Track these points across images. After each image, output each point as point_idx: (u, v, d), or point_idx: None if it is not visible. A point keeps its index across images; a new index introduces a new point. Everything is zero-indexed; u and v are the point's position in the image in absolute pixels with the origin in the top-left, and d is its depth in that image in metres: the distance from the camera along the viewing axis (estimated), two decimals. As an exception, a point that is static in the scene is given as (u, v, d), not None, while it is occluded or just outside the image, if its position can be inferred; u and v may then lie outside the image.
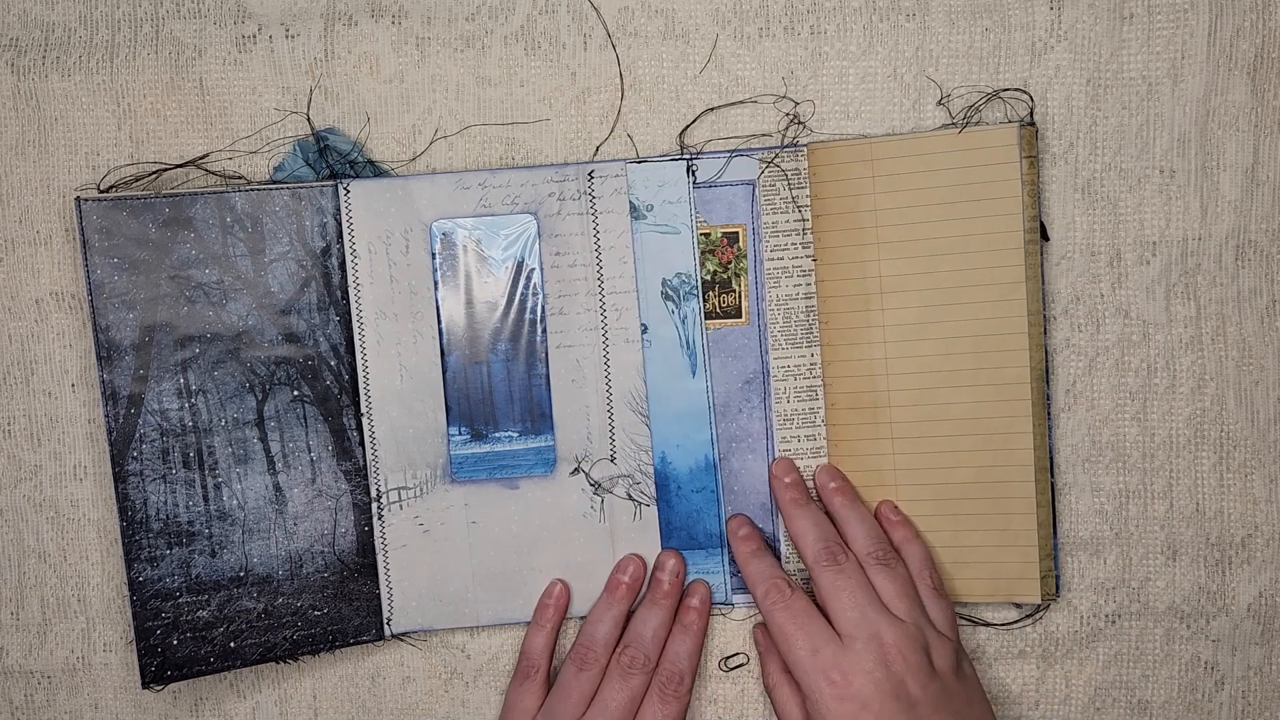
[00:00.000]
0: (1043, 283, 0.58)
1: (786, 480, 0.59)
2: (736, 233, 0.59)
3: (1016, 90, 0.58)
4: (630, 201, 0.58)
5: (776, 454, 0.60)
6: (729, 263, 0.59)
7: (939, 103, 0.58)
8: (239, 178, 0.58)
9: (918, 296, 0.58)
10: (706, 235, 0.59)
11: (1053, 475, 0.59)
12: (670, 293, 0.59)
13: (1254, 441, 0.59)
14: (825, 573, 0.55)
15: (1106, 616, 0.60)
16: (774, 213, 0.58)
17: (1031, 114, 0.57)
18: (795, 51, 0.58)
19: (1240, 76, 0.57)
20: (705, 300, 0.59)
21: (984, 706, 0.55)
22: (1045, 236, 0.58)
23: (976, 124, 0.57)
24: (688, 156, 0.58)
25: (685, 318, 0.59)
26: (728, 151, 0.58)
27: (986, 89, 0.58)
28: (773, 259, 0.59)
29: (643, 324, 0.59)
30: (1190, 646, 0.60)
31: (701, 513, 0.59)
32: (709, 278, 0.59)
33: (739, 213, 0.59)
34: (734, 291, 0.59)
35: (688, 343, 0.59)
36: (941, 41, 0.58)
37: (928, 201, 0.57)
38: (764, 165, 0.58)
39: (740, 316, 0.59)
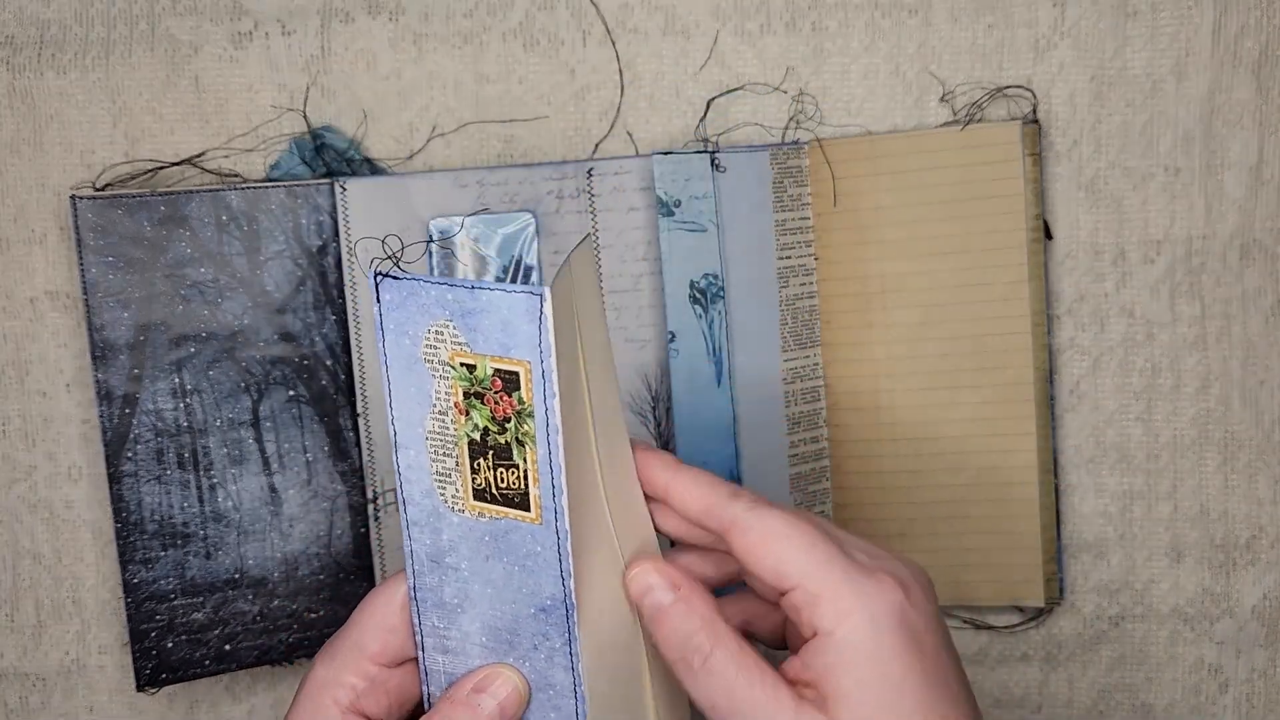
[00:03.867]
0: (1046, 282, 0.58)
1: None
2: (516, 373, 0.37)
3: (1020, 87, 0.57)
4: (659, 197, 0.56)
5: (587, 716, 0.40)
6: (505, 420, 0.37)
7: (941, 99, 0.58)
8: (235, 175, 0.58)
9: (919, 296, 0.57)
10: (470, 368, 0.37)
11: (1056, 477, 0.59)
12: (698, 295, 0.56)
13: (1259, 442, 0.58)
14: None
15: (1110, 619, 0.59)
16: (783, 210, 0.58)
17: (1035, 111, 0.57)
18: (797, 48, 0.58)
19: (1245, 74, 0.57)
20: (474, 470, 0.38)
21: None
22: (1049, 235, 0.58)
23: (979, 121, 0.57)
24: (711, 150, 0.57)
25: (712, 322, 0.57)
26: (747, 146, 0.58)
27: (989, 86, 0.57)
28: (783, 258, 0.58)
29: (670, 332, 0.56)
30: (1195, 649, 0.59)
31: None
32: (477, 437, 0.38)
33: (519, 340, 0.37)
34: (517, 467, 0.38)
35: (714, 349, 0.57)
36: (944, 38, 0.57)
37: (930, 199, 0.57)
38: (774, 164, 0.58)
39: (529, 510, 0.38)
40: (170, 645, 0.57)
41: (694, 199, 0.56)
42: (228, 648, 0.57)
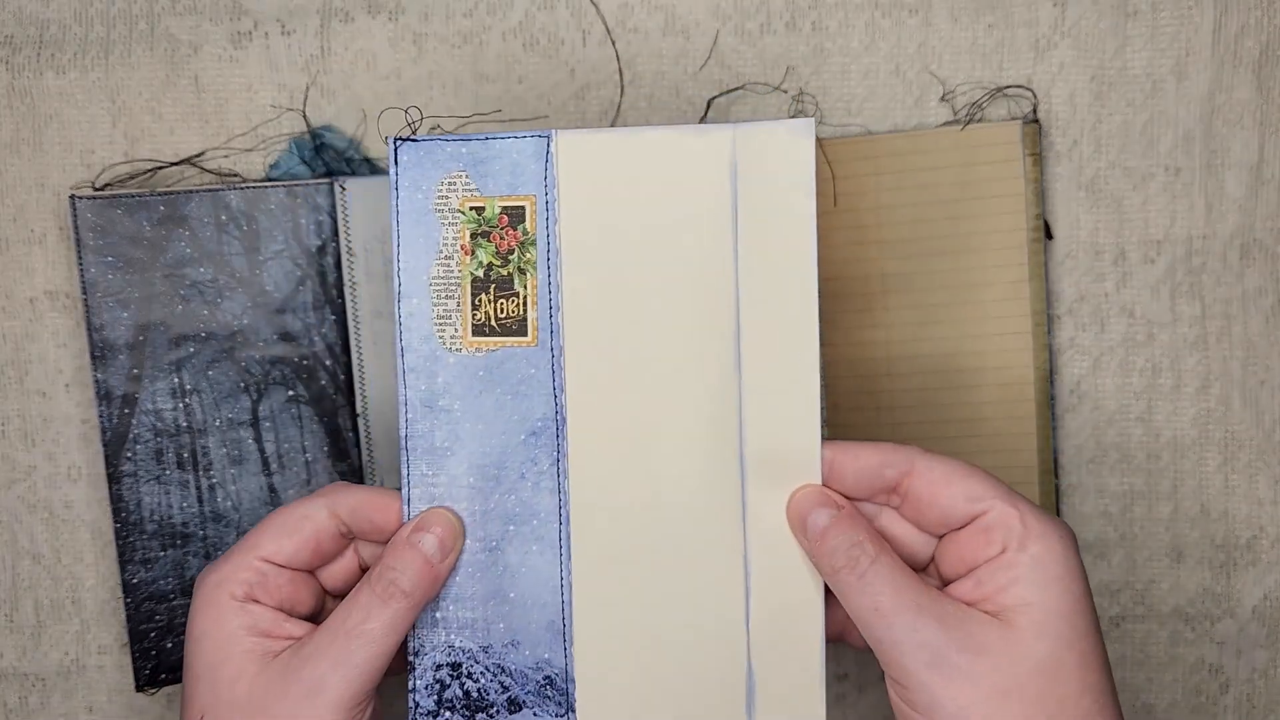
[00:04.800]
0: (1046, 282, 0.58)
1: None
2: (522, 208, 0.44)
3: (1020, 87, 0.57)
4: None
5: (573, 545, 0.44)
6: (510, 253, 0.44)
7: (942, 99, 0.58)
8: (234, 175, 0.58)
9: (920, 296, 0.57)
10: (479, 210, 0.44)
11: (1057, 477, 0.58)
12: None
13: (1259, 442, 0.58)
14: None
15: (1111, 619, 0.59)
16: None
17: (1035, 111, 0.57)
18: (797, 47, 0.58)
19: (1245, 73, 0.57)
20: (475, 307, 0.44)
21: None
22: (1049, 235, 0.58)
23: (979, 121, 0.57)
24: None
25: None
26: None
27: (990, 86, 0.57)
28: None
29: None
30: (1195, 649, 0.59)
31: None
32: (480, 273, 0.44)
33: (526, 179, 0.44)
34: (516, 295, 0.44)
35: None
36: (944, 38, 0.57)
37: (930, 199, 0.57)
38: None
39: (525, 334, 0.44)
40: (169, 645, 0.57)
41: None
42: (227, 648, 0.57)
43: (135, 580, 0.56)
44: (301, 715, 0.42)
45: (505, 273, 0.44)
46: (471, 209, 0.44)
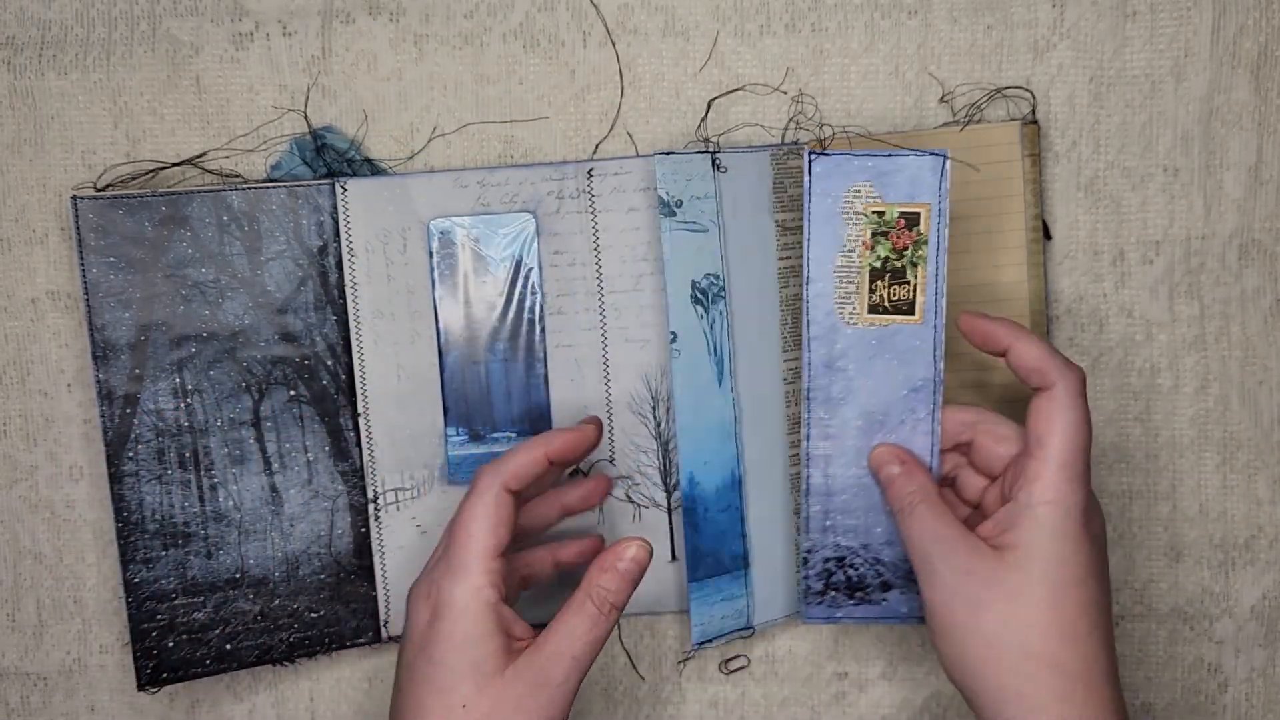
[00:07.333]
0: (1046, 282, 0.58)
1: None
2: (918, 214, 0.53)
3: (1019, 88, 0.57)
4: (660, 197, 0.56)
5: (940, 473, 0.54)
6: (905, 249, 0.53)
7: (941, 100, 0.58)
8: (236, 176, 0.58)
9: (919, 296, 0.57)
10: (880, 214, 0.53)
11: (1055, 476, 0.58)
12: (699, 295, 0.57)
13: (1258, 442, 0.58)
14: None
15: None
16: (783, 210, 0.58)
17: (1034, 111, 0.57)
18: (796, 49, 0.58)
19: (1244, 74, 0.57)
20: (871, 291, 0.53)
21: None
22: (1048, 235, 0.58)
23: (979, 122, 0.57)
24: (712, 150, 0.57)
25: (714, 322, 0.57)
26: (748, 147, 0.58)
27: (989, 86, 0.57)
28: (783, 258, 0.58)
29: (672, 332, 0.56)
30: (1194, 649, 0.59)
31: (727, 534, 0.57)
32: (878, 264, 0.53)
33: (923, 190, 0.52)
34: (908, 283, 0.53)
35: (716, 349, 0.57)
36: (944, 39, 0.57)
37: (929, 200, 0.57)
38: (775, 165, 0.58)
39: (914, 313, 0.53)
40: (171, 645, 0.57)
41: (695, 199, 0.56)
42: (229, 647, 0.57)
43: (137, 580, 0.56)
44: None
45: (899, 265, 0.53)
46: (874, 212, 0.53)
